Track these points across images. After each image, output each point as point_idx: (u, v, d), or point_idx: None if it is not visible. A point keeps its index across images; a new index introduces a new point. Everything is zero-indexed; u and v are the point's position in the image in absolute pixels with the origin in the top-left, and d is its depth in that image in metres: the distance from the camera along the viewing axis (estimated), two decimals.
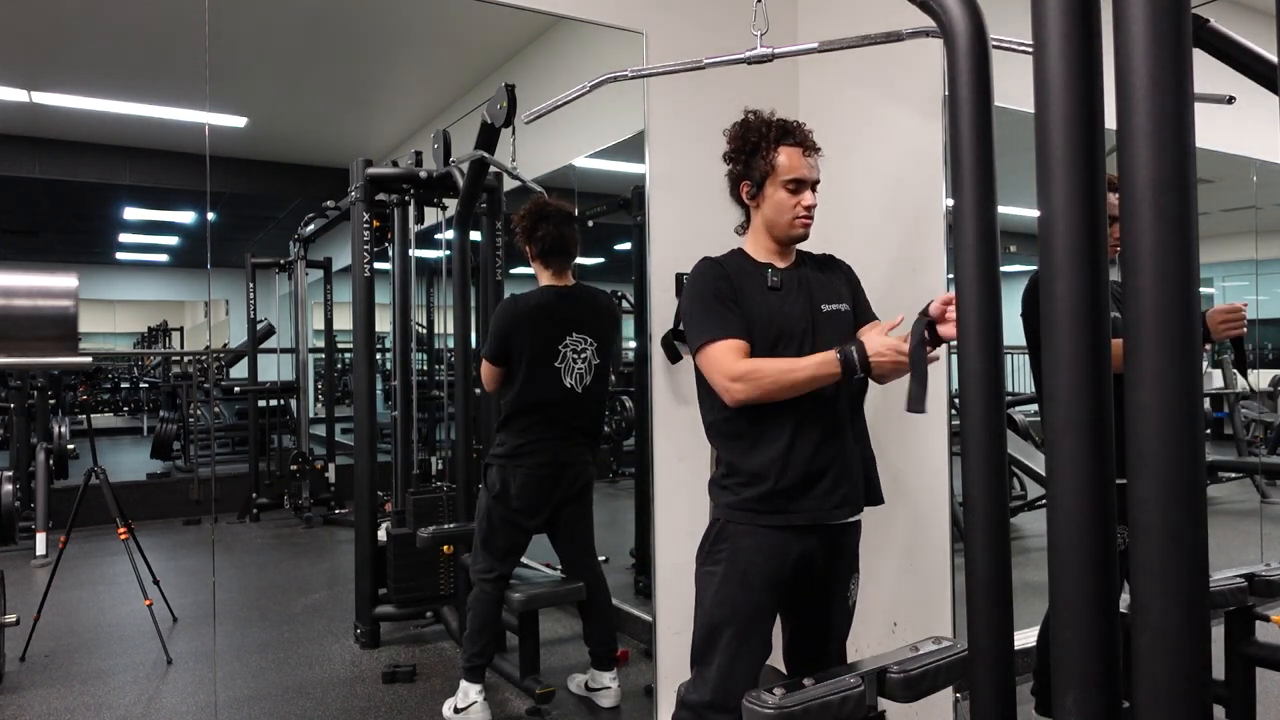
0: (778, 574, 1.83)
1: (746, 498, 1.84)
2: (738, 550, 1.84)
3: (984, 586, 1.19)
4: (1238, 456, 4.10)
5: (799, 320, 1.88)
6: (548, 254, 2.79)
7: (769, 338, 1.85)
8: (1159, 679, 0.84)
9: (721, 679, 1.81)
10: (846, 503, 1.87)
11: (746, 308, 1.85)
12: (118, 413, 7.24)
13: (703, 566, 1.91)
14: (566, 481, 2.84)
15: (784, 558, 1.83)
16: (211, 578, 3.83)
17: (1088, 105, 0.95)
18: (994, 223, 1.24)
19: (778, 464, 1.81)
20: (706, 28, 2.83)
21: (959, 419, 1.27)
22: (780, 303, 1.88)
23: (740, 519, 1.85)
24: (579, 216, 2.84)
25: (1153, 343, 0.83)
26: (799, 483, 1.82)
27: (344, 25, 3.76)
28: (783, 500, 1.82)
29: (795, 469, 1.82)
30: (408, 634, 3.63)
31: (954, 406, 2.46)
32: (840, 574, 1.94)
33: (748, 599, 1.83)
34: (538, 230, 2.76)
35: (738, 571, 1.83)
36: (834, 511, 1.85)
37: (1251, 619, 1.88)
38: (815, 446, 1.83)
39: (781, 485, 1.81)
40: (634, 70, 2.00)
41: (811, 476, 1.83)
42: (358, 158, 3.68)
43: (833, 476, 1.85)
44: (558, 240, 2.77)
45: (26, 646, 3.31)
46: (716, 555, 1.87)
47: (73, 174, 4.61)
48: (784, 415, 1.82)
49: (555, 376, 2.76)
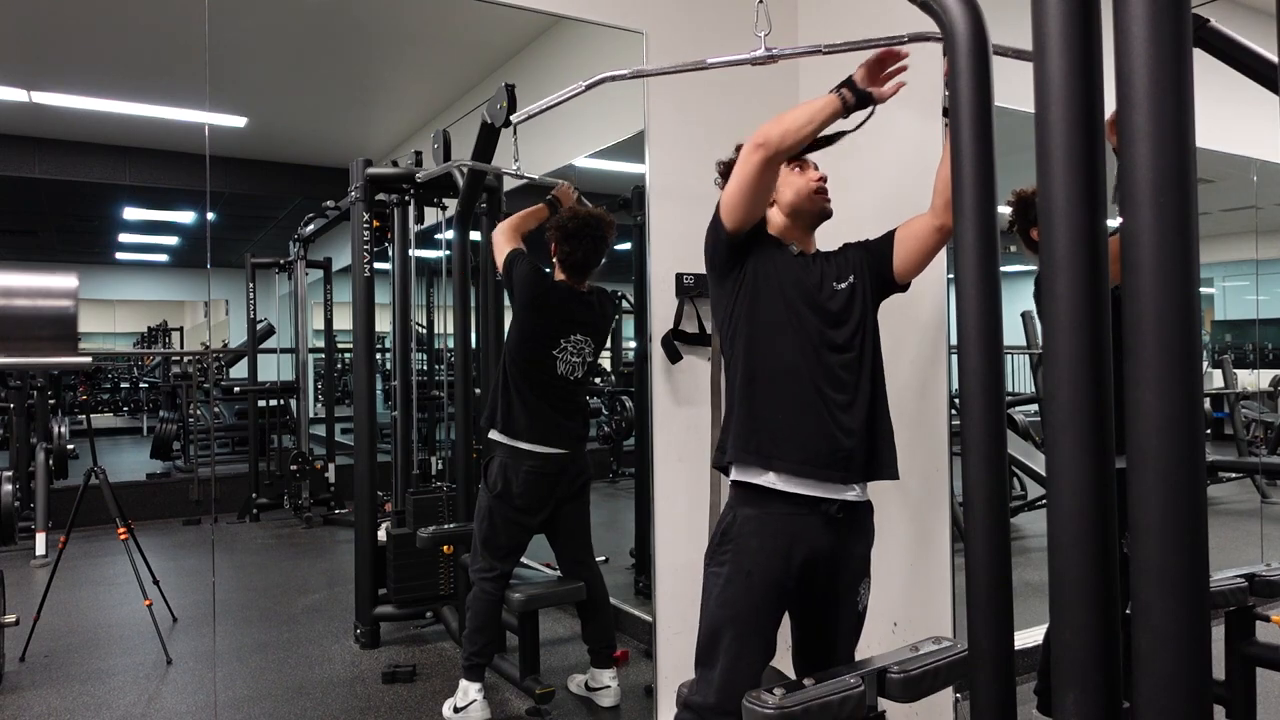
0: (783, 575, 1.82)
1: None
2: (743, 551, 1.83)
3: (984, 586, 1.19)
4: (1238, 456, 4.10)
5: (816, 290, 1.90)
6: (569, 268, 2.82)
7: (794, 298, 1.87)
8: (1159, 679, 0.84)
9: (725, 681, 1.80)
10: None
11: (773, 271, 1.88)
12: (117, 413, 7.24)
13: (709, 567, 1.90)
14: (567, 479, 2.85)
15: (789, 558, 1.82)
16: (211, 578, 3.83)
17: (1088, 105, 0.95)
18: (994, 223, 1.24)
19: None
20: (706, 28, 2.83)
21: (959, 419, 1.27)
22: (803, 271, 1.92)
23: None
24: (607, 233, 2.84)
25: (1153, 343, 0.83)
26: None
27: (344, 25, 3.75)
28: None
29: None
30: (408, 634, 3.63)
31: (954, 406, 2.46)
32: (848, 577, 1.91)
33: (750, 600, 1.82)
34: (566, 246, 2.79)
35: (742, 572, 1.82)
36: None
37: (1251, 619, 1.88)
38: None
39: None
40: (633, 70, 1.99)
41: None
42: (358, 158, 3.68)
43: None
44: (582, 263, 2.81)
45: (26, 646, 3.30)
46: (722, 555, 1.86)
47: (73, 174, 4.61)
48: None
49: (551, 361, 2.78)
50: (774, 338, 1.86)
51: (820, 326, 1.87)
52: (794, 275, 1.90)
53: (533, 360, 2.80)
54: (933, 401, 2.51)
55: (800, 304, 1.87)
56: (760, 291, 1.87)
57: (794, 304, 1.87)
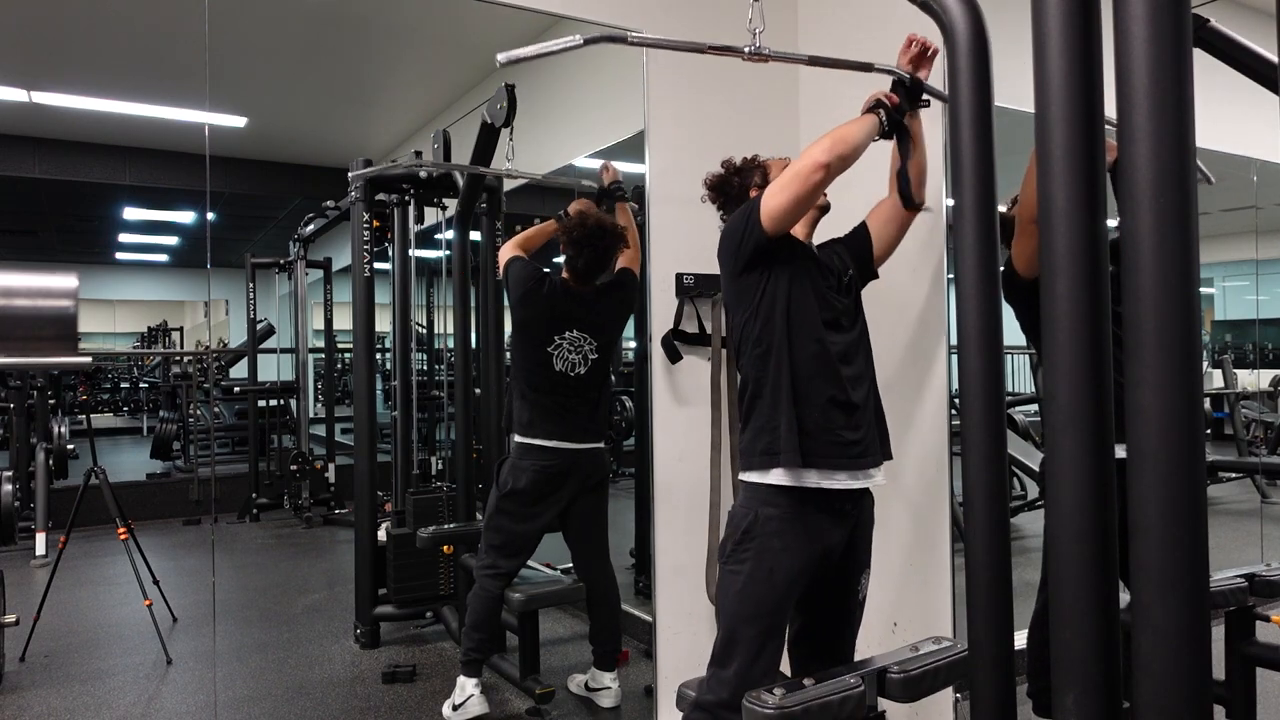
0: (801, 572, 1.84)
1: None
2: (765, 550, 1.83)
3: (984, 586, 1.19)
4: (1238, 456, 4.10)
5: (833, 286, 1.96)
6: (572, 271, 2.83)
7: (822, 295, 1.92)
8: (1159, 679, 0.84)
9: (741, 678, 1.81)
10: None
11: (801, 272, 1.91)
12: (117, 413, 7.25)
13: (726, 565, 1.90)
14: (578, 476, 2.85)
15: (809, 555, 1.84)
16: (211, 578, 3.83)
17: (1088, 105, 0.95)
18: (994, 223, 1.24)
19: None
20: (705, 28, 2.82)
21: (959, 419, 1.27)
22: (819, 268, 1.97)
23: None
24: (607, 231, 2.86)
25: (1153, 343, 0.83)
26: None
27: (344, 25, 3.75)
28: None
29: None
30: (408, 634, 3.63)
31: (954, 406, 2.46)
32: (854, 567, 1.96)
33: (774, 598, 1.83)
34: (571, 250, 2.81)
35: (764, 570, 1.83)
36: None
37: (1251, 619, 1.88)
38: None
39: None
40: (635, 37, 2.01)
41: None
42: (358, 158, 3.68)
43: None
44: (585, 270, 2.82)
45: (26, 646, 3.30)
46: (743, 554, 1.86)
47: (73, 174, 4.61)
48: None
49: (546, 358, 2.80)
50: (809, 336, 1.89)
51: (839, 321, 1.94)
52: (815, 272, 1.94)
53: (529, 357, 2.82)
54: (933, 401, 2.51)
55: (826, 301, 1.92)
56: (792, 291, 1.90)
57: (823, 301, 1.91)
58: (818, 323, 1.89)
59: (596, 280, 2.87)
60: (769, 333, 1.89)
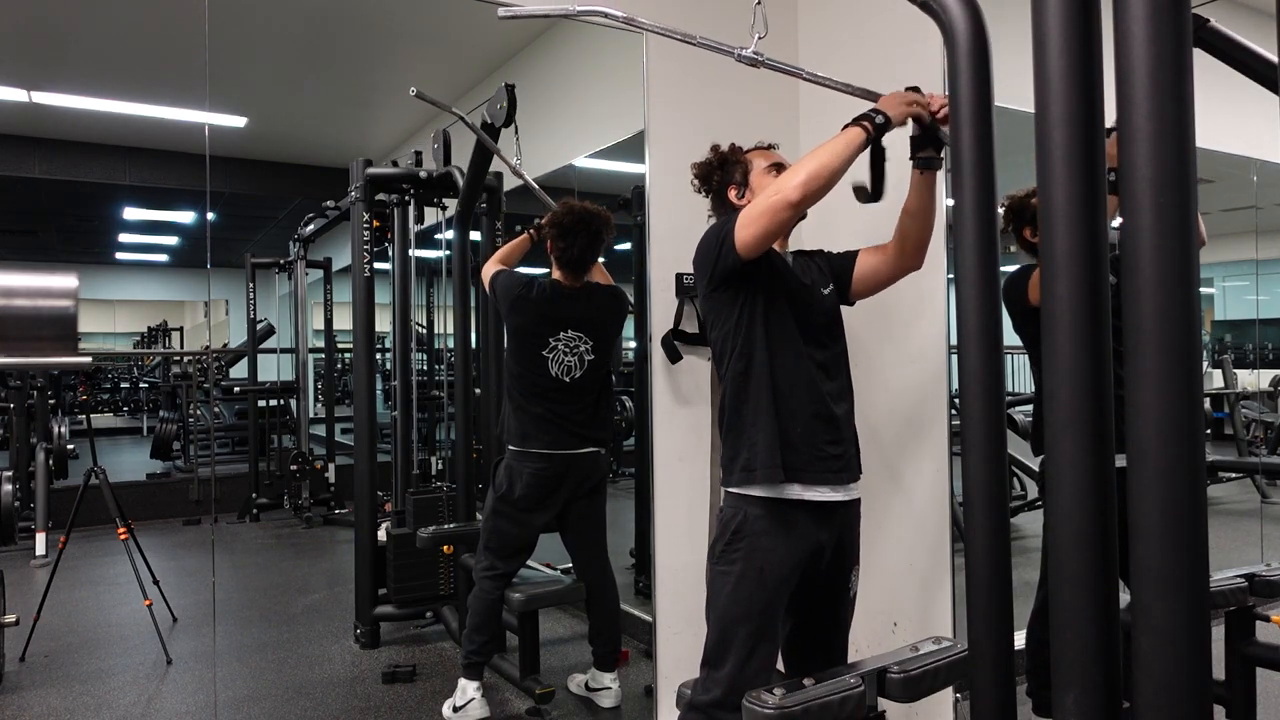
0: (792, 571, 1.84)
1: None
2: (755, 549, 1.83)
3: (984, 586, 1.19)
4: (1238, 456, 4.10)
5: (811, 296, 1.94)
6: (564, 264, 2.82)
7: (799, 308, 1.90)
8: (1159, 679, 0.84)
9: (735, 678, 1.80)
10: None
11: (779, 286, 1.90)
12: (118, 413, 7.25)
13: (716, 565, 1.90)
14: (575, 479, 2.84)
15: (798, 553, 1.84)
16: (211, 578, 3.83)
17: (1088, 105, 0.95)
18: (994, 223, 1.24)
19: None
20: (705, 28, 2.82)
21: (959, 419, 1.27)
22: (796, 278, 1.95)
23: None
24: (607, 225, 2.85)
25: (1153, 343, 0.83)
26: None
27: (343, 26, 3.76)
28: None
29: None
30: (408, 634, 3.63)
31: (954, 406, 2.46)
32: (844, 565, 1.95)
33: (764, 597, 1.83)
34: (561, 241, 2.79)
35: (754, 569, 1.83)
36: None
37: (1251, 619, 1.88)
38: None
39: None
40: (626, 17, 2.01)
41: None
42: (358, 158, 3.68)
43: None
44: (578, 258, 2.81)
45: (26, 646, 3.30)
46: (732, 554, 1.86)
47: (73, 174, 4.62)
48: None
49: (542, 363, 2.79)
50: (790, 351, 1.87)
51: (819, 335, 1.92)
52: (793, 283, 1.93)
53: (524, 365, 2.80)
54: (933, 401, 2.51)
55: (803, 314, 1.90)
56: (770, 306, 1.88)
57: (800, 314, 1.90)
58: (797, 338, 1.88)
59: (588, 272, 2.86)
60: (749, 348, 1.88)
